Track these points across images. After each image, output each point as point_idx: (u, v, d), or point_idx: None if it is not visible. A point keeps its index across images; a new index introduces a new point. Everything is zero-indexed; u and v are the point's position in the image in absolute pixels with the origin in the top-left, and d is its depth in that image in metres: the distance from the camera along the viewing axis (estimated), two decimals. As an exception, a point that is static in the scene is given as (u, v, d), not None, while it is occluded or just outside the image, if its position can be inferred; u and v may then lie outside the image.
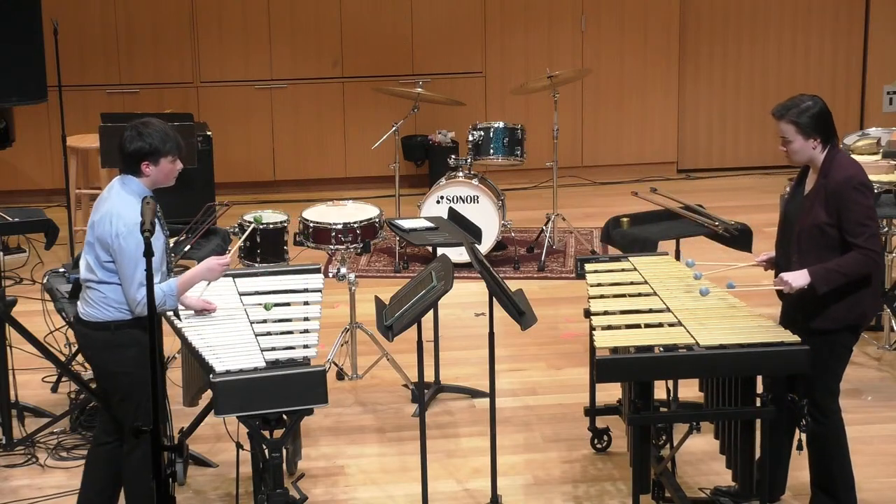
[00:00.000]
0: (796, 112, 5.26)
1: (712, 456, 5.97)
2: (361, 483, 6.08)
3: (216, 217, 7.13)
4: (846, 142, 7.87)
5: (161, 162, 5.14)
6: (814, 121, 5.24)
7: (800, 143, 5.27)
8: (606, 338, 5.27)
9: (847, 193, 5.18)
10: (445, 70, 11.02)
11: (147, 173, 5.14)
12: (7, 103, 8.70)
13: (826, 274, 5.18)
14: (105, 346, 5.18)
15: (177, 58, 10.79)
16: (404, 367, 7.04)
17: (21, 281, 8.70)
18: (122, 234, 5.01)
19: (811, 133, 5.24)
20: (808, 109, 5.26)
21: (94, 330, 5.19)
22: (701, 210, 6.95)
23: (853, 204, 5.17)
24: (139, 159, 5.11)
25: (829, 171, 5.24)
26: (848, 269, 5.19)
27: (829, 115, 5.31)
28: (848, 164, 5.27)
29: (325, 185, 10.91)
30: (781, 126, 5.29)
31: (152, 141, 5.10)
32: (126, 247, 5.00)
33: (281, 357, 5.12)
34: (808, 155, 5.29)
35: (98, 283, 5.14)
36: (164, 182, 5.22)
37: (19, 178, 10.65)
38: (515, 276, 8.87)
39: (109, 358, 5.19)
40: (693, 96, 11.42)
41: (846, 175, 5.20)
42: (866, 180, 5.28)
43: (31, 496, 5.97)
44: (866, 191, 5.24)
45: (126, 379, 5.17)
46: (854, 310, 5.27)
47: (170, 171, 5.20)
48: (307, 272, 5.88)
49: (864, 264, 5.19)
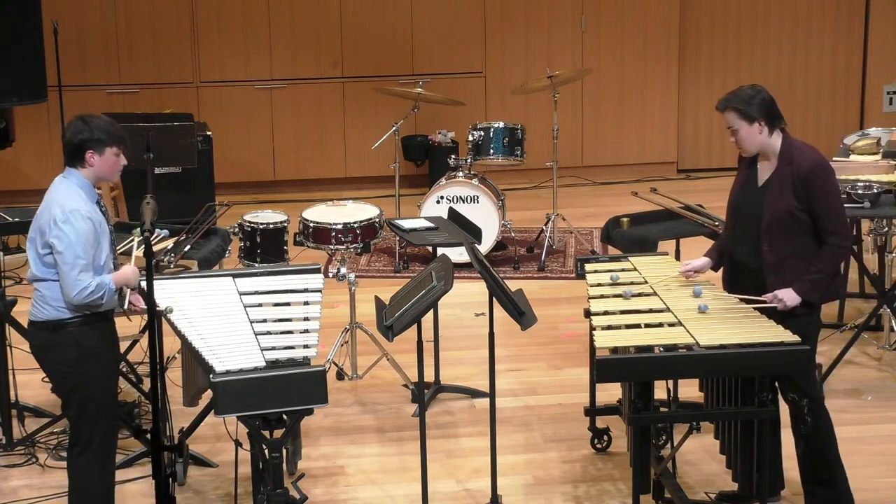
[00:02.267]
0: (736, 100, 5.34)
1: (712, 456, 5.97)
2: (361, 483, 6.08)
3: (216, 217, 7.13)
4: (846, 142, 7.86)
5: (106, 152, 5.14)
6: (756, 106, 5.32)
7: (745, 130, 5.33)
8: (606, 338, 5.27)
9: (817, 179, 5.27)
10: (445, 70, 11.02)
11: (91, 163, 5.14)
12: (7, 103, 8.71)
13: (812, 285, 5.28)
14: (45, 345, 5.18)
15: (177, 58, 10.79)
16: (404, 367, 7.04)
17: (21, 281, 8.70)
18: (59, 220, 4.99)
19: (754, 116, 5.30)
20: (749, 97, 5.34)
21: (36, 329, 5.21)
22: (701, 210, 6.95)
23: (822, 189, 5.26)
24: (84, 149, 5.12)
25: (793, 158, 5.31)
26: (827, 267, 5.30)
27: (772, 101, 5.37)
28: (809, 150, 5.36)
29: (325, 185, 10.91)
30: (726, 116, 5.38)
31: (98, 131, 5.12)
32: (65, 232, 4.98)
33: (281, 357, 5.12)
34: (757, 141, 5.35)
35: (37, 280, 5.15)
36: (108, 175, 5.22)
37: (19, 178, 10.65)
38: (515, 276, 8.87)
39: (49, 358, 5.19)
40: (693, 96, 11.42)
41: (814, 160, 5.30)
42: (829, 164, 5.39)
43: (31, 496, 5.97)
44: (832, 175, 5.35)
45: (68, 379, 5.16)
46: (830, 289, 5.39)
47: (114, 164, 5.19)
48: (307, 272, 5.87)
49: (839, 256, 5.32)
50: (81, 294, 5.00)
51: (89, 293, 5.00)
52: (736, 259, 5.51)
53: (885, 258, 7.52)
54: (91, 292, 5.01)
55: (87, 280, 4.99)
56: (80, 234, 4.97)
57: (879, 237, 7.40)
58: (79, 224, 4.97)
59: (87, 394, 5.10)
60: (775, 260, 5.32)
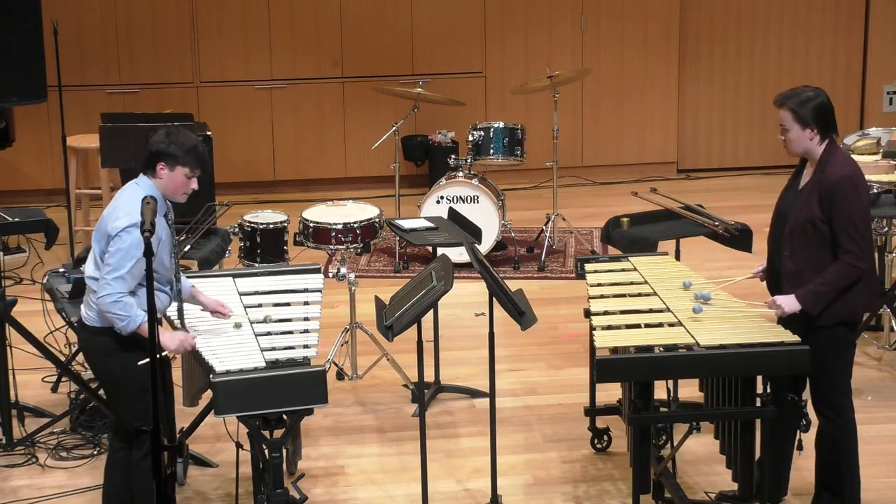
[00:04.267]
0: (796, 101, 5.27)
1: (712, 456, 5.96)
2: (361, 483, 6.08)
3: (216, 217, 7.13)
4: (846, 142, 7.86)
5: (177, 169, 5.10)
6: (812, 111, 5.24)
7: (796, 132, 5.27)
8: (606, 338, 5.27)
9: (841, 192, 5.17)
10: (445, 70, 11.02)
11: (161, 175, 5.11)
12: (7, 103, 8.70)
13: (815, 297, 5.20)
14: (106, 351, 5.14)
15: (177, 58, 10.79)
16: (404, 367, 7.04)
17: (21, 281, 8.70)
18: (121, 227, 4.98)
19: (808, 122, 5.24)
20: (808, 100, 5.26)
21: (94, 335, 5.16)
22: (701, 210, 6.95)
23: (845, 203, 5.17)
24: (157, 159, 5.10)
25: (826, 167, 5.23)
26: (834, 283, 5.20)
27: (830, 109, 5.29)
28: (844, 162, 5.26)
29: (325, 185, 10.91)
30: (780, 114, 5.30)
31: (175, 146, 5.09)
32: (122, 238, 4.96)
33: (281, 357, 5.12)
34: (804, 145, 5.28)
35: (92, 279, 5.11)
36: (174, 193, 5.16)
37: (19, 178, 10.65)
38: (515, 276, 8.87)
39: (113, 363, 5.15)
40: (693, 96, 11.42)
41: (843, 173, 5.20)
42: (862, 181, 5.27)
43: (31, 496, 5.97)
44: (861, 192, 5.23)
45: (132, 384, 5.12)
46: (847, 306, 5.27)
47: (182, 184, 5.14)
48: (307, 272, 5.88)
49: (849, 274, 5.19)
50: (105, 299, 4.97)
51: (112, 301, 4.96)
52: (773, 263, 5.47)
53: (885, 258, 7.52)
54: (114, 302, 4.96)
55: (115, 289, 4.96)
56: (135, 246, 4.94)
57: (879, 237, 7.40)
58: (138, 235, 4.92)
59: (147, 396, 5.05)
60: (794, 269, 5.27)
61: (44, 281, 6.46)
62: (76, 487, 6.00)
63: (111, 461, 5.40)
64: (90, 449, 6.36)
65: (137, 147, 7.31)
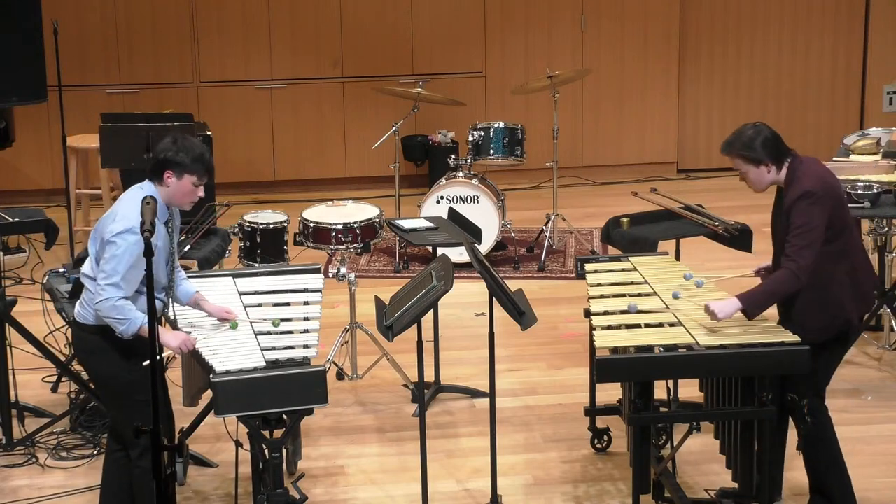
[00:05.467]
0: (739, 145, 5.31)
1: (712, 456, 5.96)
2: (361, 483, 6.08)
3: (216, 217, 7.13)
4: (846, 142, 7.86)
5: (184, 177, 5.09)
6: (760, 148, 5.27)
7: (753, 172, 5.32)
8: (606, 338, 5.27)
9: (798, 206, 5.18)
10: (445, 70, 11.02)
11: (168, 183, 5.10)
12: (7, 103, 8.70)
13: (753, 298, 5.19)
14: (93, 349, 5.15)
15: (177, 58, 10.79)
16: (404, 367, 7.04)
17: (21, 281, 8.70)
18: (117, 231, 4.97)
19: (760, 159, 5.27)
20: (751, 139, 5.29)
21: (85, 332, 5.17)
22: (701, 210, 6.95)
23: (798, 216, 5.17)
24: (165, 167, 5.09)
25: (791, 186, 5.27)
26: (775, 289, 5.20)
27: (775, 138, 5.31)
28: (807, 176, 5.24)
29: (325, 185, 10.91)
30: (733, 162, 5.36)
31: (183, 154, 5.08)
32: (118, 243, 4.96)
33: (281, 357, 5.12)
34: (766, 180, 5.33)
35: (89, 279, 5.12)
36: (181, 201, 5.15)
37: (19, 178, 10.65)
38: (515, 276, 8.87)
39: (98, 362, 5.17)
40: (693, 96, 11.42)
41: (804, 189, 5.19)
42: (817, 188, 5.20)
43: (31, 496, 5.97)
44: (814, 199, 5.17)
45: (115, 383, 5.14)
46: (836, 320, 5.28)
47: (189, 192, 5.13)
48: (307, 272, 5.88)
49: (790, 282, 5.16)
50: (102, 304, 4.98)
51: (110, 306, 4.96)
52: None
53: (885, 258, 7.52)
54: (112, 307, 4.97)
55: (111, 294, 4.96)
56: (130, 251, 4.94)
57: (879, 237, 7.40)
58: (133, 241, 4.93)
59: (143, 395, 5.05)
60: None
61: (44, 281, 6.46)
62: (76, 487, 6.00)
63: (108, 462, 5.42)
64: (90, 449, 6.36)
65: (137, 147, 7.33)
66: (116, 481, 5.37)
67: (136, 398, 5.05)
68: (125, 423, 5.12)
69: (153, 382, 4.45)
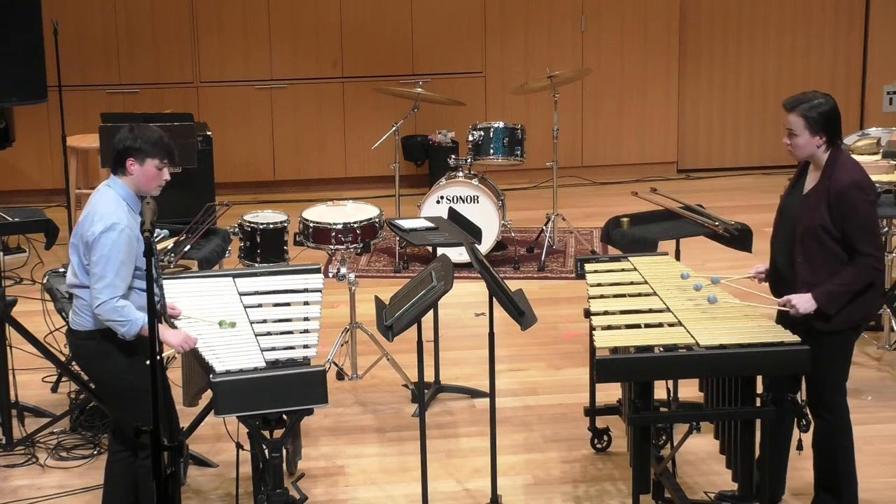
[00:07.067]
0: (807, 107, 5.24)
1: (712, 456, 5.97)
2: (361, 483, 6.08)
3: (216, 217, 7.13)
4: (846, 142, 7.86)
5: (147, 163, 5.09)
6: (822, 118, 5.22)
7: (805, 139, 5.25)
8: (606, 338, 5.27)
9: (851, 199, 5.16)
10: (445, 70, 11.02)
11: (131, 171, 5.10)
12: (7, 103, 8.70)
13: (830, 296, 5.19)
14: (94, 355, 5.15)
15: (177, 58, 10.80)
16: (404, 367, 7.04)
17: (21, 281, 8.70)
18: (98, 231, 4.96)
19: (818, 130, 5.22)
20: (819, 106, 5.24)
21: (82, 339, 5.16)
22: (701, 210, 6.95)
23: (854, 209, 5.16)
24: (125, 156, 5.09)
25: (833, 173, 5.22)
26: (851, 284, 5.20)
27: (838, 116, 5.28)
28: (852, 168, 5.25)
29: (325, 185, 10.91)
30: (790, 118, 5.27)
31: (142, 140, 5.08)
32: (102, 243, 4.96)
33: (281, 357, 5.12)
34: (810, 151, 5.28)
35: (80, 287, 5.11)
36: (147, 187, 5.13)
37: (19, 178, 10.65)
38: (515, 276, 8.87)
39: (101, 367, 5.16)
40: (693, 96, 11.42)
41: (851, 178, 5.19)
42: (870, 184, 5.27)
43: (31, 496, 5.97)
44: (869, 195, 5.24)
45: (121, 387, 5.13)
46: (858, 311, 5.28)
47: (154, 176, 5.12)
48: (307, 272, 5.87)
49: (866, 274, 5.19)
50: (102, 308, 4.97)
51: (109, 309, 4.96)
52: (777, 265, 5.46)
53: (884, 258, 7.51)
54: (111, 309, 4.96)
55: (108, 295, 4.95)
56: (116, 248, 4.94)
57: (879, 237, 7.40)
58: (115, 238, 4.94)
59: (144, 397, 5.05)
60: (810, 274, 5.24)
61: (44, 281, 6.46)
62: (76, 487, 6.00)
63: (111, 464, 5.40)
64: (90, 449, 6.36)
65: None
66: (121, 484, 5.35)
67: (142, 396, 5.05)
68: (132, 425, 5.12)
69: (153, 382, 4.45)
